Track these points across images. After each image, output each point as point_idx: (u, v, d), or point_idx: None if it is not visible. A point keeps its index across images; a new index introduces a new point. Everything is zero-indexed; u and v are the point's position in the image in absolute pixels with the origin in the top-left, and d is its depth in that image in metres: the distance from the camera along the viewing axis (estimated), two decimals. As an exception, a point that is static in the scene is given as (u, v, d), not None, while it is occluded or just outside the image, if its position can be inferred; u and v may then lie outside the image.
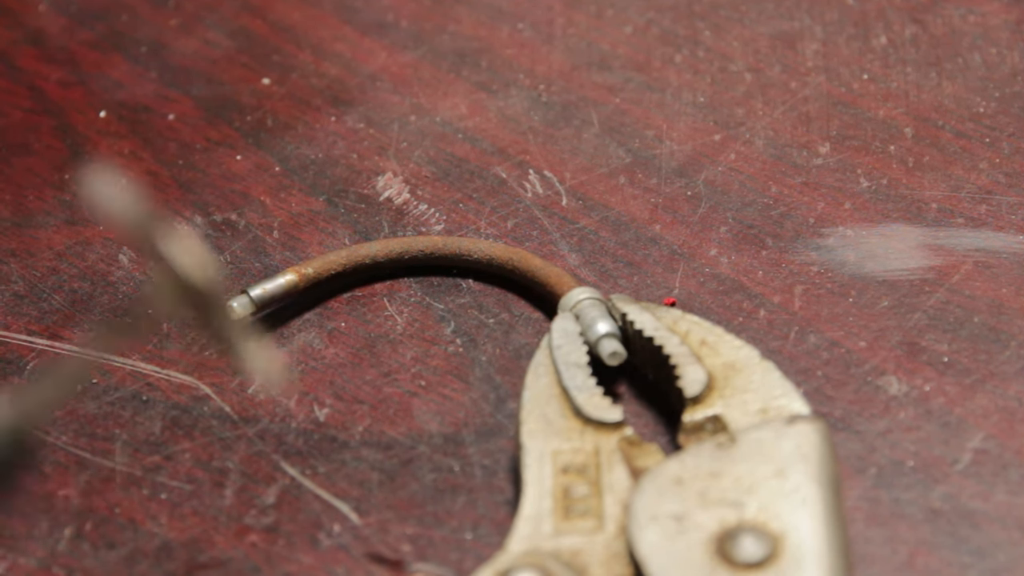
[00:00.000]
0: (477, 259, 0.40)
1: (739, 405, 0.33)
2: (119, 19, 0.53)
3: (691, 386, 0.34)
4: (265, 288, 0.39)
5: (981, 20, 0.49)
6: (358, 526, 0.34)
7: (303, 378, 0.38)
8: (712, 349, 0.35)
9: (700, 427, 0.33)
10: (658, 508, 0.31)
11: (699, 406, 0.34)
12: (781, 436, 0.32)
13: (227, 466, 0.36)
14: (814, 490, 0.31)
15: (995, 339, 0.37)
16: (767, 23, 0.50)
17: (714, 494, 0.31)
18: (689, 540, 0.30)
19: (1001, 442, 0.34)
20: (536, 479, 0.32)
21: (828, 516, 0.30)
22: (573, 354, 0.35)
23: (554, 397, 0.34)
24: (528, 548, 0.31)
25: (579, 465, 0.33)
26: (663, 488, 0.31)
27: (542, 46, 0.50)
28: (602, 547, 0.31)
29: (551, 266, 0.39)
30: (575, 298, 0.37)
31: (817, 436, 0.32)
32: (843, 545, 0.30)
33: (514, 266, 0.40)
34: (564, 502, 0.32)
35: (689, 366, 0.34)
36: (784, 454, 0.31)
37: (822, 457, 0.31)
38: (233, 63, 0.50)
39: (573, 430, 0.33)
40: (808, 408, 0.33)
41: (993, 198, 0.41)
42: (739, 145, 0.44)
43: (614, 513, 0.32)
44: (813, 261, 0.40)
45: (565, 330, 0.36)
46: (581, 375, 0.35)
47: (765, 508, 0.30)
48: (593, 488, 0.32)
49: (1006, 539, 0.32)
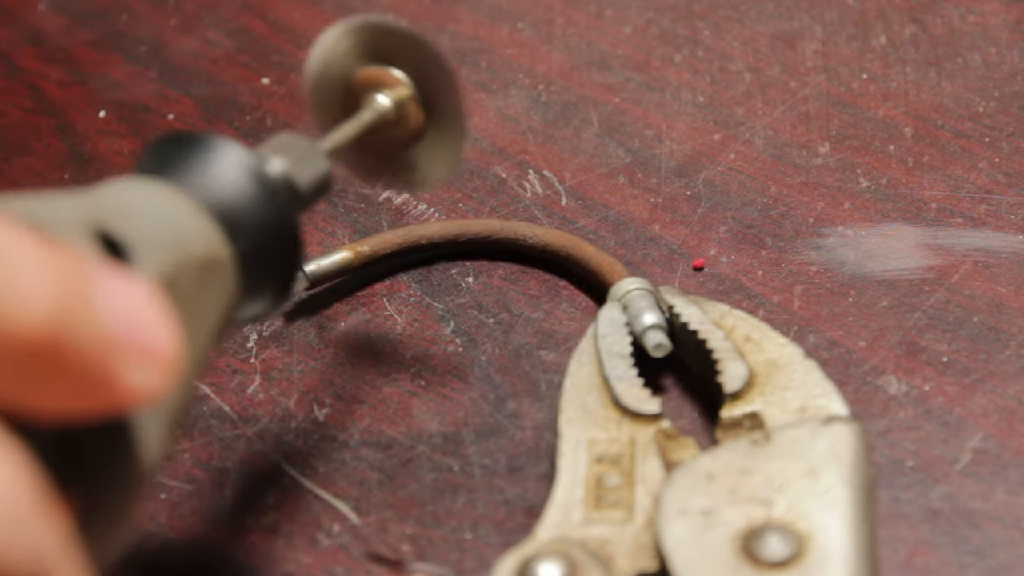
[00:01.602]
0: (532, 244, 0.40)
1: (778, 403, 0.33)
2: (119, 19, 0.53)
3: (731, 382, 0.34)
4: (320, 264, 0.39)
5: (981, 20, 0.49)
6: (358, 526, 0.34)
7: (303, 378, 0.38)
8: (756, 345, 0.35)
9: (738, 423, 0.33)
10: (687, 502, 0.31)
11: (738, 402, 0.33)
12: (816, 436, 0.32)
13: (227, 466, 0.36)
14: (845, 492, 0.30)
15: (995, 339, 0.37)
16: (767, 23, 0.50)
17: (744, 491, 0.31)
18: (715, 536, 0.30)
19: (1001, 441, 0.34)
20: (570, 467, 0.32)
21: (857, 519, 0.30)
22: (617, 344, 0.35)
23: (595, 386, 0.34)
24: (556, 535, 0.31)
25: (614, 455, 0.33)
26: (694, 482, 0.31)
27: (542, 46, 0.50)
28: (630, 538, 0.31)
29: (603, 254, 0.39)
30: (625, 288, 0.37)
31: (852, 437, 0.32)
32: (870, 549, 0.30)
33: (568, 253, 0.40)
34: (596, 491, 0.32)
35: (731, 361, 0.34)
36: (817, 454, 0.31)
37: (856, 459, 0.31)
38: (233, 63, 0.50)
39: (611, 420, 0.33)
40: (847, 409, 0.33)
41: (993, 198, 0.41)
42: (739, 145, 0.44)
43: (644, 505, 0.31)
44: (813, 261, 0.40)
45: (611, 320, 0.36)
46: (623, 365, 0.35)
47: (794, 507, 0.30)
48: (626, 479, 0.32)
49: (1005, 538, 0.32)
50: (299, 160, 0.32)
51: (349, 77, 0.36)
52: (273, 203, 0.29)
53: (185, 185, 0.28)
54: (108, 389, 0.22)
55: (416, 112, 0.36)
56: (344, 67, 0.36)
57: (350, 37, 0.36)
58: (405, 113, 0.36)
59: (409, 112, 0.36)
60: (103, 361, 0.22)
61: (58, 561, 0.21)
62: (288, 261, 0.30)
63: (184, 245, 0.27)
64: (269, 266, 0.30)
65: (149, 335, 0.23)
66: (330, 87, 0.37)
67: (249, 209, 0.29)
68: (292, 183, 0.31)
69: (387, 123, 0.36)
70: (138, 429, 0.24)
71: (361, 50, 0.36)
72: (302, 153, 0.32)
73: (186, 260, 0.27)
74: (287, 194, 0.31)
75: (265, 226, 0.29)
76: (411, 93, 0.36)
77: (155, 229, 0.26)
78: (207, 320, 0.28)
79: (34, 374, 0.21)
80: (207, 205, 0.28)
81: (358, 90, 0.36)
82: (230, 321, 0.29)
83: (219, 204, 0.29)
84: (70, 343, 0.21)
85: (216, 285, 0.28)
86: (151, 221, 0.26)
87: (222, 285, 0.28)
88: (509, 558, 0.30)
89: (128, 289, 0.23)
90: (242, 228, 0.29)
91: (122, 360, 0.22)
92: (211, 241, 0.28)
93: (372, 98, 0.36)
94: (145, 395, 0.23)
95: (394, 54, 0.36)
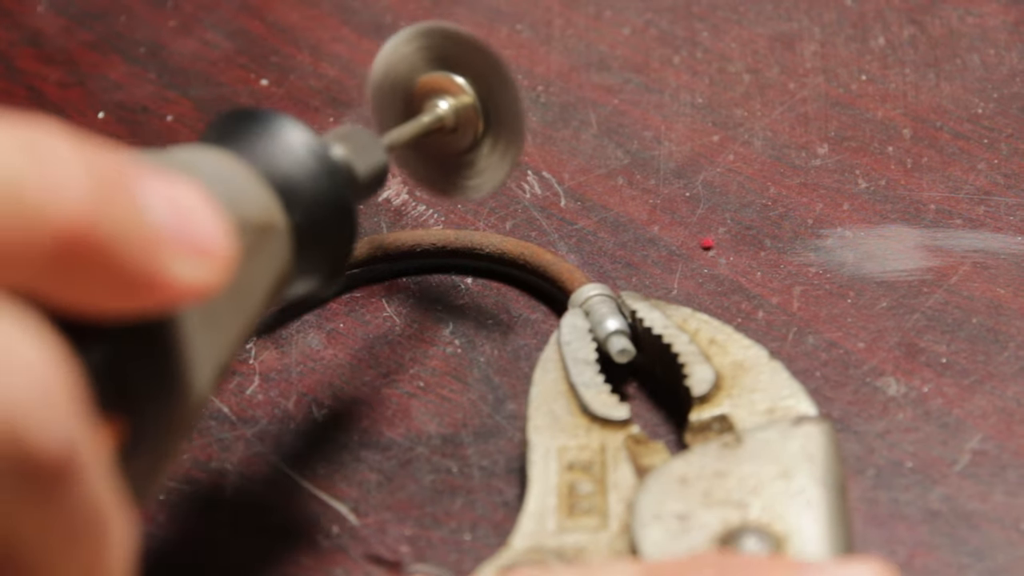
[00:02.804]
0: (488, 253, 0.40)
1: (746, 405, 0.33)
2: (118, 20, 0.53)
3: (699, 385, 0.34)
4: None
5: (979, 21, 0.49)
6: (356, 527, 0.34)
7: (302, 379, 0.38)
8: (721, 348, 0.35)
9: (707, 426, 0.33)
10: (662, 507, 0.31)
11: (706, 405, 0.34)
12: (787, 437, 0.32)
13: (225, 467, 0.36)
14: (819, 492, 0.31)
15: (993, 340, 0.37)
16: (765, 24, 0.50)
17: (718, 494, 0.31)
18: (692, 540, 0.30)
19: (999, 443, 0.34)
20: (542, 475, 0.32)
21: (832, 518, 0.30)
22: (582, 351, 0.35)
23: (561, 394, 0.34)
24: (532, 545, 0.31)
25: (585, 462, 0.33)
26: (667, 487, 0.31)
27: (540, 47, 0.50)
28: (605, 545, 0.31)
29: (562, 262, 0.39)
30: (585, 294, 0.37)
31: (823, 437, 0.32)
32: (847, 548, 0.30)
33: (525, 261, 0.40)
34: (569, 499, 0.32)
35: (697, 365, 0.34)
36: (790, 455, 0.31)
37: (828, 458, 0.31)
38: (231, 64, 0.50)
39: (580, 427, 0.34)
40: (815, 409, 0.33)
41: (991, 199, 0.41)
42: (737, 146, 0.44)
43: (618, 511, 0.32)
44: (811, 262, 0.40)
45: (574, 326, 0.36)
46: (589, 372, 0.35)
47: (769, 509, 0.30)
48: (598, 486, 0.32)
49: (1004, 540, 0.32)
50: (359, 148, 0.33)
51: (412, 81, 0.37)
52: (331, 181, 0.30)
53: (246, 154, 0.29)
54: (154, 284, 0.22)
55: (474, 120, 0.37)
56: (407, 71, 0.37)
57: (415, 41, 0.37)
58: (463, 120, 0.37)
59: (468, 119, 0.37)
60: (148, 254, 0.22)
61: (92, 465, 0.21)
62: (342, 241, 0.31)
63: (242, 206, 0.27)
64: (323, 243, 0.30)
65: (198, 229, 0.23)
66: (392, 89, 0.38)
67: (307, 183, 0.30)
68: (351, 168, 0.32)
69: (445, 128, 0.37)
70: (188, 362, 0.24)
71: (425, 55, 0.37)
72: (363, 143, 0.33)
73: (242, 222, 0.27)
74: (345, 176, 0.31)
75: (322, 202, 0.30)
76: (472, 101, 0.36)
77: (214, 187, 0.26)
78: (259, 284, 0.28)
79: (75, 268, 0.21)
80: (266, 175, 0.29)
81: (420, 94, 0.37)
82: (281, 291, 0.30)
83: (278, 175, 0.29)
84: (110, 235, 0.21)
85: (270, 251, 0.28)
86: (210, 179, 0.27)
87: (276, 252, 0.29)
88: (486, 569, 0.30)
89: (175, 185, 0.23)
90: (299, 200, 0.29)
91: (169, 253, 0.22)
92: (268, 208, 0.28)
93: (433, 103, 0.37)
94: (194, 290, 0.22)
95: (458, 61, 0.37)
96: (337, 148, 0.32)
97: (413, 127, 0.36)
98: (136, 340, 0.23)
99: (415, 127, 0.36)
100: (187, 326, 0.25)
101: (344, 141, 0.32)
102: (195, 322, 0.25)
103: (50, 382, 0.20)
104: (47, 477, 0.20)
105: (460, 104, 0.37)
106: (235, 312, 0.27)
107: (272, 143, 0.29)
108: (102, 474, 0.21)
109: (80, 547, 0.21)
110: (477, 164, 0.37)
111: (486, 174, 0.37)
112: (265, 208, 0.28)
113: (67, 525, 0.21)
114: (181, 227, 0.23)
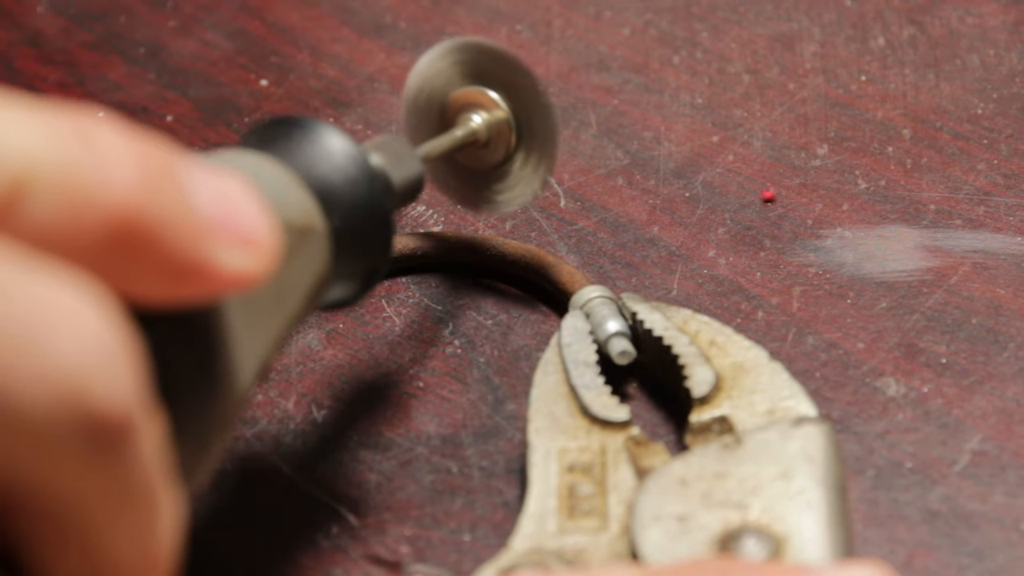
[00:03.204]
0: (489, 255, 0.40)
1: (746, 406, 0.33)
2: (117, 20, 0.53)
3: (699, 386, 0.34)
4: None
5: (979, 22, 0.49)
6: (356, 527, 0.34)
7: (301, 379, 0.38)
8: (721, 349, 0.35)
9: (707, 428, 0.33)
10: (662, 508, 0.31)
11: (706, 407, 0.34)
12: (787, 438, 0.32)
13: (225, 468, 0.36)
14: (819, 493, 0.31)
15: (993, 340, 0.37)
16: (765, 24, 0.50)
17: (718, 495, 0.31)
18: (692, 541, 0.30)
19: (999, 443, 0.34)
20: (542, 477, 0.32)
21: (832, 519, 0.30)
22: (582, 352, 0.35)
23: (562, 395, 0.34)
24: (532, 546, 0.31)
25: (585, 464, 0.33)
26: (667, 488, 0.31)
27: (540, 47, 0.50)
28: (605, 547, 0.31)
29: (563, 264, 0.39)
30: (586, 296, 0.37)
31: (823, 438, 0.32)
32: (847, 548, 0.30)
33: (527, 263, 0.40)
34: (569, 501, 0.32)
35: (697, 366, 0.34)
36: (789, 456, 0.31)
37: (827, 459, 0.31)
38: (231, 64, 0.50)
39: (580, 429, 0.34)
40: (815, 410, 0.33)
41: (991, 199, 0.41)
42: (737, 146, 0.44)
43: (618, 513, 0.32)
44: (811, 262, 0.40)
45: (575, 328, 0.36)
46: (589, 374, 0.35)
47: (769, 510, 0.30)
48: (598, 487, 0.32)
49: (1004, 540, 0.32)
50: (396, 158, 0.33)
51: (446, 95, 0.38)
52: (369, 188, 0.30)
53: (286, 159, 0.29)
54: (200, 272, 0.22)
55: (507, 135, 0.37)
56: (442, 85, 0.38)
57: (450, 56, 0.37)
58: (496, 135, 0.37)
59: (500, 134, 0.37)
60: (195, 242, 0.22)
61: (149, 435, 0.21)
62: (378, 248, 0.31)
63: (283, 207, 0.28)
64: (360, 249, 0.31)
65: (244, 219, 0.23)
66: (427, 103, 0.38)
67: (346, 189, 0.30)
68: (387, 176, 0.32)
69: (478, 142, 0.37)
70: (230, 356, 0.25)
71: (460, 69, 0.37)
72: (399, 153, 0.33)
73: (284, 222, 0.27)
74: (382, 183, 0.32)
75: (360, 207, 0.30)
76: (505, 116, 0.37)
77: (257, 186, 0.27)
78: (299, 285, 0.28)
79: (123, 254, 0.21)
80: (305, 179, 0.29)
81: (453, 108, 0.37)
82: (319, 296, 0.30)
83: (317, 179, 0.29)
84: (158, 222, 0.21)
85: (310, 253, 0.29)
86: (253, 178, 0.27)
87: (315, 255, 0.29)
88: (486, 570, 0.31)
89: (221, 178, 0.23)
90: (338, 205, 0.30)
91: (216, 242, 0.22)
92: (308, 210, 0.29)
93: (466, 117, 0.37)
94: (240, 279, 0.23)
95: (492, 76, 0.37)
96: (374, 156, 0.32)
97: (446, 140, 0.36)
98: (180, 331, 0.24)
99: (448, 140, 0.36)
100: (230, 322, 0.25)
101: (381, 150, 0.33)
102: (237, 319, 0.26)
103: (114, 347, 0.20)
104: (109, 437, 0.20)
105: (493, 119, 0.37)
106: (275, 312, 0.27)
107: (311, 148, 0.30)
108: (157, 450, 0.22)
109: (133, 515, 0.22)
110: (508, 178, 0.38)
111: (517, 188, 0.38)
112: (305, 210, 0.29)
113: (123, 490, 0.21)
114: (227, 216, 0.23)
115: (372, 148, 0.33)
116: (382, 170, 0.32)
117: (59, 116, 0.21)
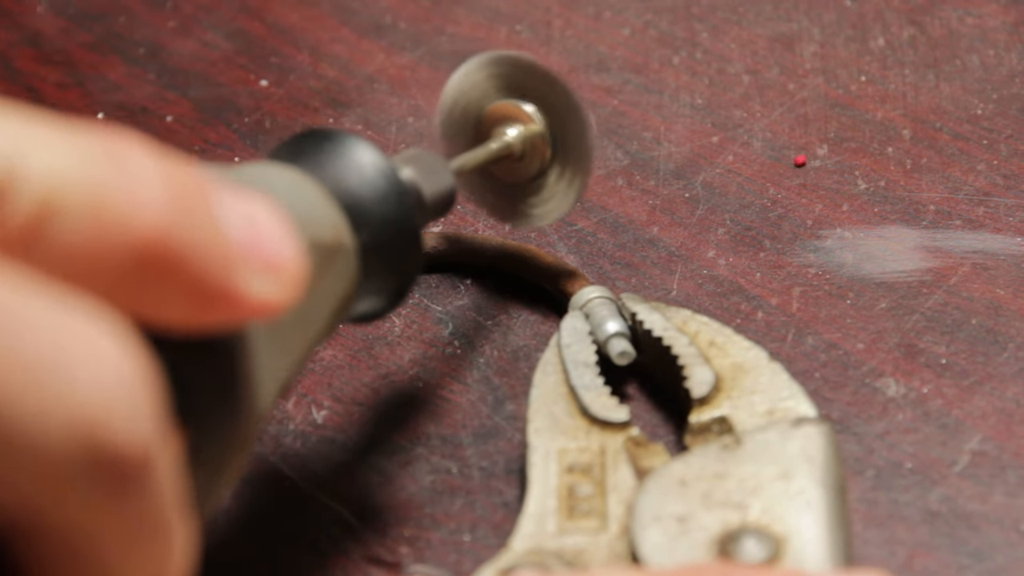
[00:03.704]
0: (487, 254, 0.40)
1: (746, 406, 0.33)
2: (117, 21, 0.53)
3: (698, 387, 0.34)
4: None
5: (979, 22, 0.49)
6: (356, 528, 0.34)
7: (301, 380, 0.38)
8: (721, 350, 0.35)
9: (707, 428, 0.33)
10: (661, 509, 0.31)
11: (706, 407, 0.34)
12: (786, 438, 0.32)
13: (225, 468, 0.36)
14: (818, 493, 0.31)
15: (993, 341, 0.37)
16: (765, 25, 0.50)
17: (718, 495, 0.31)
18: (692, 541, 0.30)
19: (999, 444, 0.34)
20: (541, 478, 0.33)
21: (832, 519, 0.30)
22: (582, 353, 0.35)
23: (561, 396, 0.34)
24: (531, 547, 0.31)
25: (584, 464, 0.33)
26: (667, 489, 0.31)
27: (540, 48, 0.50)
28: (605, 547, 0.31)
29: (562, 263, 0.39)
30: (586, 297, 0.37)
31: (822, 438, 0.32)
32: (846, 549, 0.30)
33: (525, 263, 0.40)
34: (568, 501, 0.32)
35: (697, 367, 0.34)
36: (789, 456, 0.31)
37: (827, 460, 0.31)
38: (231, 65, 0.50)
39: (579, 429, 0.34)
40: (815, 410, 0.33)
41: (991, 200, 0.41)
42: (737, 147, 0.44)
43: (618, 513, 0.32)
44: (811, 263, 0.40)
45: (574, 329, 0.36)
46: (589, 374, 0.35)
47: (769, 510, 0.30)
48: (598, 488, 0.32)
49: (1004, 541, 0.32)
50: (427, 172, 0.33)
51: (481, 108, 0.38)
52: (399, 203, 0.30)
53: (315, 173, 0.29)
54: (227, 298, 0.22)
55: (542, 148, 0.37)
56: (478, 98, 0.38)
57: (486, 69, 0.37)
58: (531, 148, 0.37)
59: (535, 148, 0.37)
60: (223, 268, 0.22)
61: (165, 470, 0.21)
62: (408, 263, 0.31)
63: (311, 226, 0.27)
64: (389, 264, 0.30)
65: (271, 245, 0.23)
66: (462, 116, 0.38)
67: (376, 204, 0.30)
68: (419, 191, 0.32)
69: (512, 156, 0.37)
70: (252, 379, 0.24)
71: (495, 83, 0.37)
72: (431, 166, 0.33)
73: (312, 241, 0.27)
74: (413, 198, 0.31)
75: (390, 222, 0.30)
76: (540, 130, 0.37)
77: (285, 205, 0.26)
78: (325, 304, 0.28)
79: (150, 278, 0.21)
80: (335, 193, 0.29)
81: (488, 121, 0.37)
82: (345, 313, 0.30)
83: (347, 194, 0.29)
84: (186, 247, 0.21)
85: (337, 271, 0.28)
86: (281, 196, 0.27)
87: (343, 272, 0.29)
88: (486, 571, 0.31)
89: (250, 202, 0.23)
90: (367, 221, 0.29)
91: (243, 268, 0.22)
92: (337, 227, 0.28)
93: (501, 131, 0.37)
94: (267, 306, 0.23)
95: (527, 90, 0.37)
96: (406, 170, 0.32)
97: (481, 153, 0.36)
98: (202, 354, 0.23)
99: (483, 153, 0.36)
100: (253, 344, 0.25)
101: (413, 163, 0.32)
102: (261, 340, 0.25)
103: (134, 381, 0.20)
104: (124, 475, 0.20)
105: (528, 132, 0.37)
106: (300, 332, 0.27)
107: (341, 162, 0.30)
108: (172, 480, 0.22)
109: (146, 550, 0.21)
110: (543, 192, 0.38)
111: (551, 203, 0.38)
112: (334, 227, 0.28)
113: (137, 526, 0.21)
114: (255, 242, 0.23)
115: (403, 161, 0.32)
116: (413, 184, 0.32)
117: (90, 137, 0.21)
